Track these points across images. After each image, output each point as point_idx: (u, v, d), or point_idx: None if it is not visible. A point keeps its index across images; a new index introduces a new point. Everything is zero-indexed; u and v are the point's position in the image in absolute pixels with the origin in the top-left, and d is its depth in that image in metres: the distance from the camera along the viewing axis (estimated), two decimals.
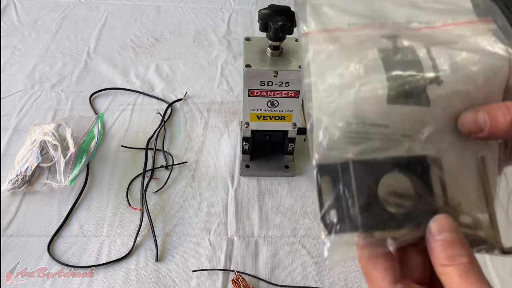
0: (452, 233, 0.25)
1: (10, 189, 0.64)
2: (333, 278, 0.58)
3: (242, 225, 0.63)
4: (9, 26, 0.96)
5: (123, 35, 0.95)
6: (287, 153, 0.69)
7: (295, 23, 0.54)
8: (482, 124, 0.26)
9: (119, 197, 0.65)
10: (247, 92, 0.59)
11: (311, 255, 0.60)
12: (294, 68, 0.56)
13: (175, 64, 0.89)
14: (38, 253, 0.58)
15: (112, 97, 0.81)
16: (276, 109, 0.61)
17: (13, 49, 0.90)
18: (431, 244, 0.25)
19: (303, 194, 0.67)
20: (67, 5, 1.02)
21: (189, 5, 1.05)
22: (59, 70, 0.86)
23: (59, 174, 0.65)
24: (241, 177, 0.69)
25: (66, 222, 0.62)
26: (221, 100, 0.82)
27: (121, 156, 0.71)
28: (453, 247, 0.25)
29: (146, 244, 0.60)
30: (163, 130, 0.75)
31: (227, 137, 0.75)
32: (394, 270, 0.26)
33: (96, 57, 0.89)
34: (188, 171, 0.70)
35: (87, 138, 0.71)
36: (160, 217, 0.63)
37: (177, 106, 0.80)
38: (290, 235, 0.62)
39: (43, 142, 0.67)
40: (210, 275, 0.57)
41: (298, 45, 0.60)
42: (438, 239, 0.25)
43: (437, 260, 0.25)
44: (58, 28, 0.96)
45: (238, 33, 0.98)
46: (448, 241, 0.25)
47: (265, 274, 0.58)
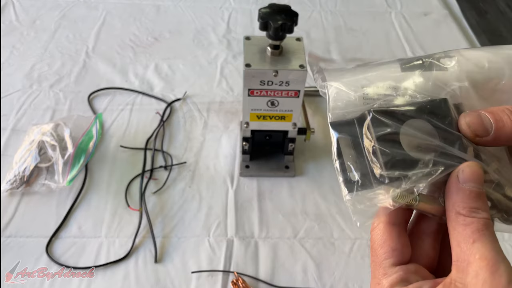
0: (480, 185, 0.24)
1: (8, 189, 0.63)
2: (333, 279, 0.57)
3: (241, 226, 0.62)
4: (7, 26, 0.95)
5: (122, 34, 0.95)
6: (287, 154, 0.69)
7: (295, 22, 0.53)
8: (488, 126, 0.25)
9: (117, 197, 0.65)
10: (247, 92, 0.58)
11: (312, 256, 0.59)
12: (294, 68, 0.56)
13: (175, 64, 0.88)
14: (36, 254, 0.58)
15: (111, 97, 0.80)
16: (276, 109, 0.61)
17: (11, 48, 0.90)
18: (454, 188, 0.24)
19: (304, 195, 0.67)
20: (66, 4, 1.02)
21: (188, 4, 1.04)
22: (58, 70, 0.85)
23: (57, 174, 0.64)
24: (241, 178, 0.68)
25: (64, 223, 0.61)
26: (221, 100, 0.81)
27: (120, 156, 0.71)
28: (477, 199, 0.24)
29: (145, 245, 0.60)
30: (162, 130, 0.75)
31: (227, 137, 0.74)
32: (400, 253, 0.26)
33: (94, 56, 0.89)
34: (187, 171, 0.69)
35: (85, 138, 0.70)
36: (159, 218, 0.63)
37: (177, 106, 0.80)
38: (291, 236, 0.62)
39: (41, 142, 0.67)
40: (210, 276, 0.57)
41: (298, 44, 0.59)
42: (465, 186, 0.24)
43: (455, 207, 0.24)
44: (56, 28, 0.96)
45: (238, 32, 0.97)
46: (474, 192, 0.24)
47: (265, 276, 0.57)
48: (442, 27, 1.02)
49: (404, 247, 0.26)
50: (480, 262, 0.22)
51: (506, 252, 0.22)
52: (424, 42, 0.96)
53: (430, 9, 1.07)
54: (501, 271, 0.22)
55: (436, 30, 1.01)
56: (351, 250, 0.61)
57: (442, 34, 1.00)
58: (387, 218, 0.27)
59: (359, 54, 0.93)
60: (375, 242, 0.27)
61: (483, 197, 0.24)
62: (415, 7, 1.07)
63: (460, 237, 0.23)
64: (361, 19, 1.02)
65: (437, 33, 1.00)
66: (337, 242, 0.61)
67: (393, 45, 0.96)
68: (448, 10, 1.07)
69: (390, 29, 1.00)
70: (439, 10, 1.07)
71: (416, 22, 1.02)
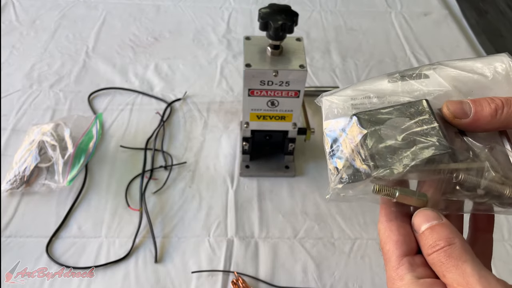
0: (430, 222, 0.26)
1: (9, 189, 0.63)
2: (333, 279, 0.57)
3: (242, 226, 0.62)
4: (7, 26, 0.95)
5: (122, 34, 0.95)
6: (287, 154, 0.69)
7: (295, 22, 0.53)
8: (467, 109, 0.27)
9: (118, 197, 0.65)
10: (247, 92, 0.58)
11: (312, 256, 0.59)
12: (294, 68, 0.56)
13: (175, 64, 0.88)
14: (36, 254, 0.58)
15: (111, 97, 0.80)
16: (276, 109, 0.61)
17: (11, 48, 0.90)
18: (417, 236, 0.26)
19: (304, 195, 0.67)
20: (66, 4, 1.02)
21: (188, 4, 1.04)
22: (58, 70, 0.85)
23: (57, 174, 0.64)
24: (241, 178, 0.68)
25: (64, 223, 0.61)
26: (221, 100, 0.81)
27: (120, 156, 0.71)
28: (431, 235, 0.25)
29: (145, 245, 0.60)
30: (162, 130, 0.75)
31: (227, 137, 0.74)
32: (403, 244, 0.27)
33: (94, 56, 0.89)
34: (187, 171, 0.69)
35: (85, 138, 0.70)
36: (159, 218, 0.63)
37: (177, 106, 0.80)
38: (290, 236, 0.62)
39: (41, 142, 0.67)
40: (210, 276, 0.57)
41: (298, 44, 0.59)
42: (420, 233, 0.26)
43: (424, 252, 0.26)
44: (56, 27, 0.95)
45: (238, 32, 0.97)
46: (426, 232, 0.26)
47: (265, 276, 0.57)
48: (442, 27, 1.02)
49: (406, 237, 0.27)
50: None
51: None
52: (424, 42, 0.96)
53: (430, 9, 1.07)
54: None
55: (436, 30, 1.01)
56: (351, 250, 0.61)
57: (442, 34, 1.00)
58: (383, 217, 0.28)
59: (359, 54, 0.93)
60: (381, 240, 0.28)
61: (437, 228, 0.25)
62: (415, 7, 1.07)
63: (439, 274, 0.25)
64: (361, 19, 1.02)
65: (437, 33, 1.00)
66: (337, 242, 0.61)
67: (393, 45, 0.96)
68: (448, 10, 1.07)
69: (390, 29, 1.00)
70: (439, 10, 1.07)
71: (416, 22, 1.02)
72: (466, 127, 0.28)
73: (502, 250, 0.61)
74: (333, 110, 0.31)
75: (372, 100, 0.30)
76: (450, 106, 0.28)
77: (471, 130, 0.28)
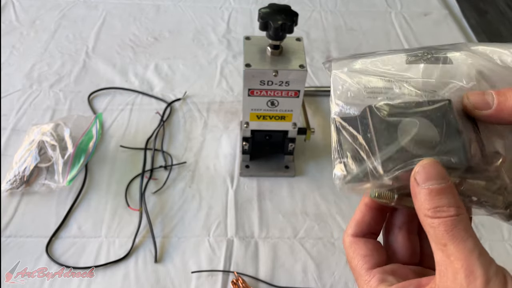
0: (440, 181, 0.23)
1: (8, 189, 0.63)
2: (333, 279, 0.57)
3: (241, 226, 0.62)
4: (7, 26, 0.95)
5: (122, 34, 0.95)
6: (287, 153, 0.69)
7: (295, 22, 0.53)
8: (489, 100, 0.25)
9: (117, 197, 0.65)
10: (247, 92, 0.58)
11: (312, 256, 0.59)
12: (294, 68, 0.56)
13: (174, 64, 0.88)
14: (36, 254, 0.58)
15: (110, 97, 0.80)
16: (276, 109, 0.61)
17: (11, 48, 0.90)
18: (415, 191, 0.24)
19: (304, 195, 0.67)
20: (66, 4, 1.02)
21: (188, 4, 1.04)
22: (58, 70, 0.85)
23: (57, 174, 0.64)
24: (241, 178, 0.68)
25: (64, 223, 0.61)
26: (221, 100, 0.81)
27: (119, 156, 0.71)
28: (439, 197, 0.23)
29: (145, 245, 0.60)
30: (162, 130, 0.75)
31: (227, 137, 0.74)
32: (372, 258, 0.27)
33: (94, 56, 0.89)
34: (187, 171, 0.69)
35: (85, 138, 0.70)
36: (159, 218, 0.63)
37: (176, 106, 0.80)
38: (291, 236, 0.62)
39: (41, 142, 0.67)
40: (210, 276, 0.57)
41: (298, 44, 0.59)
42: (423, 187, 0.23)
43: (421, 210, 0.23)
44: (56, 28, 0.95)
45: (238, 32, 0.97)
46: (434, 190, 0.23)
47: (265, 276, 0.57)
48: (442, 27, 1.02)
49: (374, 251, 0.27)
50: (456, 265, 0.22)
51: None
52: (424, 42, 0.96)
53: (430, 9, 1.07)
54: (477, 273, 0.21)
55: (436, 30, 1.01)
56: None
57: (442, 34, 1.00)
58: (351, 231, 0.29)
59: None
60: (348, 255, 0.28)
61: (447, 192, 0.23)
62: (415, 7, 1.07)
63: (433, 240, 0.23)
64: (361, 19, 1.02)
65: (437, 33, 1.00)
66: (337, 242, 0.61)
67: (393, 45, 0.96)
68: (448, 10, 1.07)
69: (390, 29, 1.00)
70: (439, 10, 1.07)
71: (416, 22, 1.02)
72: (487, 119, 0.26)
73: (502, 250, 0.61)
74: (346, 92, 0.28)
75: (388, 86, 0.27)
76: (470, 96, 0.26)
77: (492, 122, 0.26)
